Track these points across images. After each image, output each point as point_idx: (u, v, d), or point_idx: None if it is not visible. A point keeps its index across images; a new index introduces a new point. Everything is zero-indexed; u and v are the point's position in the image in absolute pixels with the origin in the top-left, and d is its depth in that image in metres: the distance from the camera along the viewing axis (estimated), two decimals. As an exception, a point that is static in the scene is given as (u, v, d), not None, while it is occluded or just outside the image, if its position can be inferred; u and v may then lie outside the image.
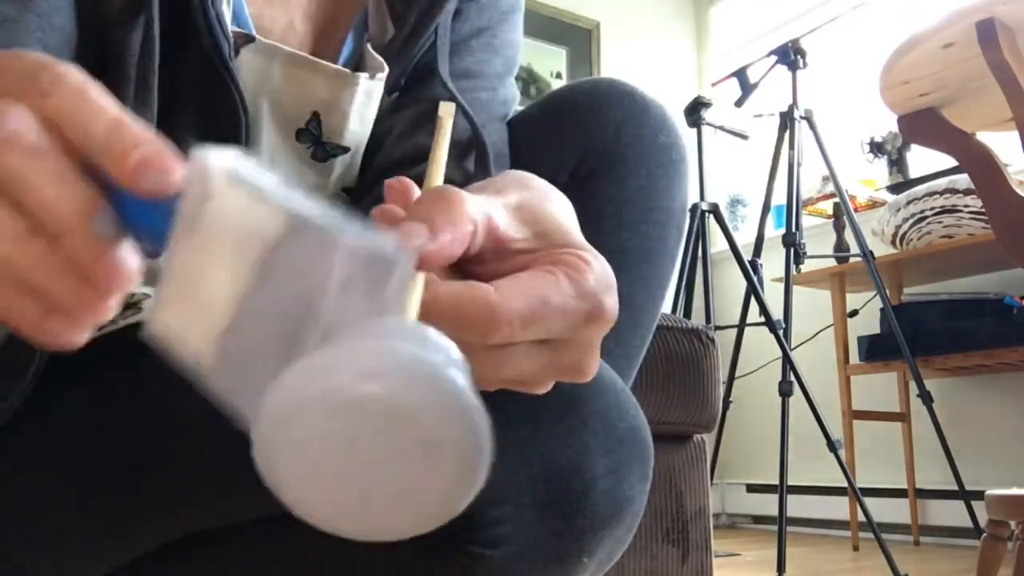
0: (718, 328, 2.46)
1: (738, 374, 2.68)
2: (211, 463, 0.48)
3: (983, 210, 2.36)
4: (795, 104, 2.48)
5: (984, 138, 1.17)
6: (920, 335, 2.55)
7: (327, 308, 0.27)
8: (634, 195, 0.60)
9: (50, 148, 0.26)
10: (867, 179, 3.23)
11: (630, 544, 0.51)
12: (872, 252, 2.50)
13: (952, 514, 2.74)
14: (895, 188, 3.01)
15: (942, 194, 2.54)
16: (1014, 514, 1.39)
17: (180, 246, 0.27)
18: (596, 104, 0.61)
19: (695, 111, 2.57)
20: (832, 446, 2.06)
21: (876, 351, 2.68)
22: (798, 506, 3.15)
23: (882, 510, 2.84)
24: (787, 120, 2.48)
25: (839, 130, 3.15)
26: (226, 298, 0.27)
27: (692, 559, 1.25)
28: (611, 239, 0.59)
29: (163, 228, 0.27)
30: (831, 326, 2.86)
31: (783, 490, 2.08)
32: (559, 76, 3.78)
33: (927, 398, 2.49)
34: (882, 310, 2.59)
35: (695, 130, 2.55)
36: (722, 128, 2.67)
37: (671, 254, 0.63)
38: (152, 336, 0.29)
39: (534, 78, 3.68)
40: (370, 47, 0.62)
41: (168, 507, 0.50)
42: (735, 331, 2.69)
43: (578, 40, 3.86)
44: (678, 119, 0.65)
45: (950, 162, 2.06)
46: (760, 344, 2.73)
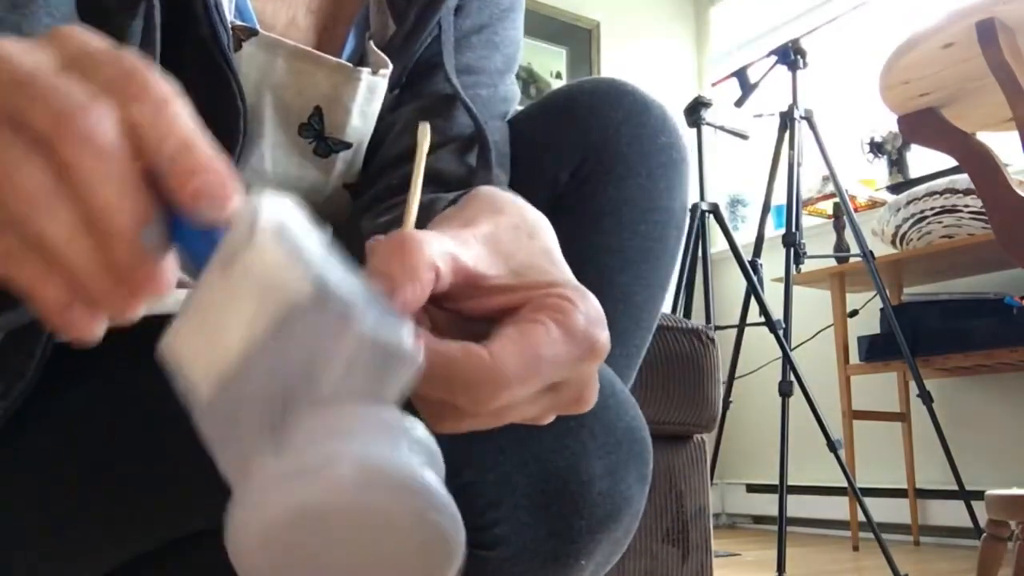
0: (718, 328, 2.46)
1: (738, 374, 2.68)
2: (211, 463, 0.48)
3: (983, 210, 2.36)
4: (795, 104, 2.48)
5: (984, 138, 1.17)
6: (920, 335, 2.55)
7: (326, 384, 0.27)
8: (634, 195, 0.60)
9: (122, 153, 0.27)
10: (867, 179, 3.23)
11: (630, 544, 0.51)
12: (872, 252, 2.50)
13: (952, 514, 2.74)
14: (895, 188, 3.01)
15: (942, 194, 2.54)
16: (1014, 514, 1.39)
17: (211, 279, 0.28)
18: (596, 104, 0.61)
19: (695, 111, 2.57)
20: (832, 446, 2.06)
21: (876, 351, 2.68)
22: (798, 506, 3.15)
23: (882, 510, 2.84)
24: (787, 120, 2.48)
25: (839, 130, 3.15)
26: (237, 344, 0.27)
27: (692, 559, 1.25)
28: (611, 239, 0.59)
29: (206, 252, 0.28)
30: (831, 326, 2.86)
31: (783, 490, 2.08)
32: (559, 76, 3.78)
33: (927, 398, 2.49)
34: (882, 310, 2.59)
35: (695, 130, 2.55)
36: (722, 128, 2.67)
37: (671, 254, 0.63)
38: (162, 353, 0.29)
39: (534, 78, 3.68)
40: (372, 44, 0.62)
41: (168, 507, 0.50)
42: (735, 331, 2.69)
43: (578, 40, 3.86)
44: (678, 119, 0.65)
45: (950, 162, 2.06)
46: (760, 344, 2.73)
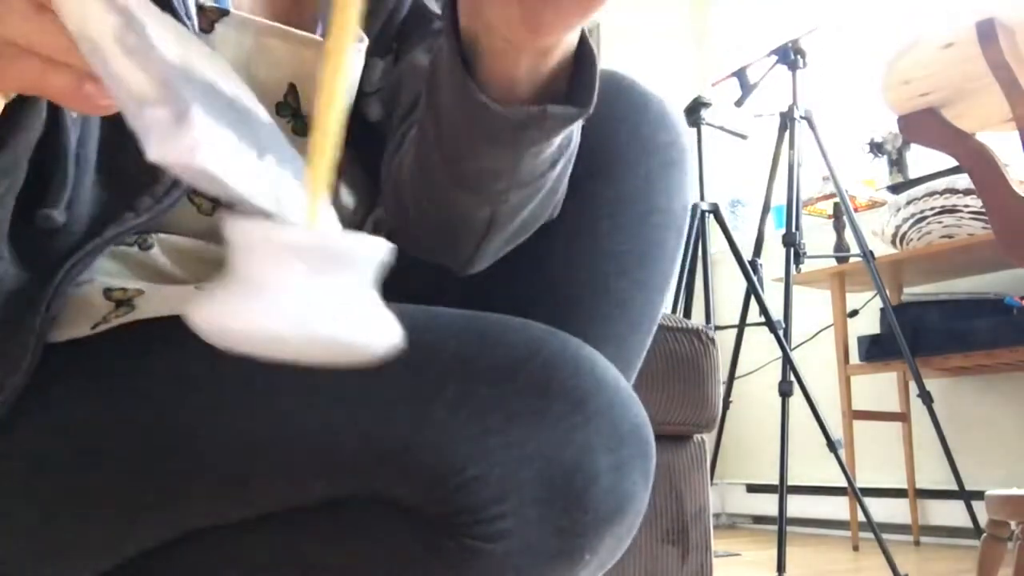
0: (718, 328, 2.46)
1: (738, 374, 2.68)
2: (210, 461, 0.48)
3: (983, 210, 2.37)
4: (795, 104, 2.48)
5: (984, 138, 1.17)
6: (920, 335, 2.55)
7: None
8: (633, 197, 0.59)
9: None
10: (867, 179, 3.24)
11: (630, 544, 0.51)
12: (872, 252, 2.50)
13: (952, 514, 2.74)
14: (895, 188, 3.01)
15: (942, 194, 2.54)
16: (1014, 514, 1.39)
17: None
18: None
19: (695, 111, 2.57)
20: (832, 446, 2.06)
21: (876, 351, 2.68)
22: (798, 506, 3.15)
23: (882, 510, 2.84)
24: (787, 120, 2.48)
25: (839, 130, 3.15)
26: None
27: (692, 559, 1.25)
28: (608, 243, 0.58)
29: None
30: (831, 326, 2.86)
31: (783, 490, 2.08)
32: (559, 76, 3.77)
33: (927, 398, 2.49)
34: (882, 310, 2.60)
35: (695, 130, 2.55)
36: (722, 128, 2.67)
37: (670, 256, 0.61)
38: None
39: (534, 78, 3.68)
40: None
41: (166, 505, 0.50)
42: (735, 331, 2.69)
43: (578, 40, 3.86)
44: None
45: (950, 162, 2.06)
46: (760, 344, 2.73)
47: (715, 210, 2.48)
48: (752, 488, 3.52)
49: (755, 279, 2.32)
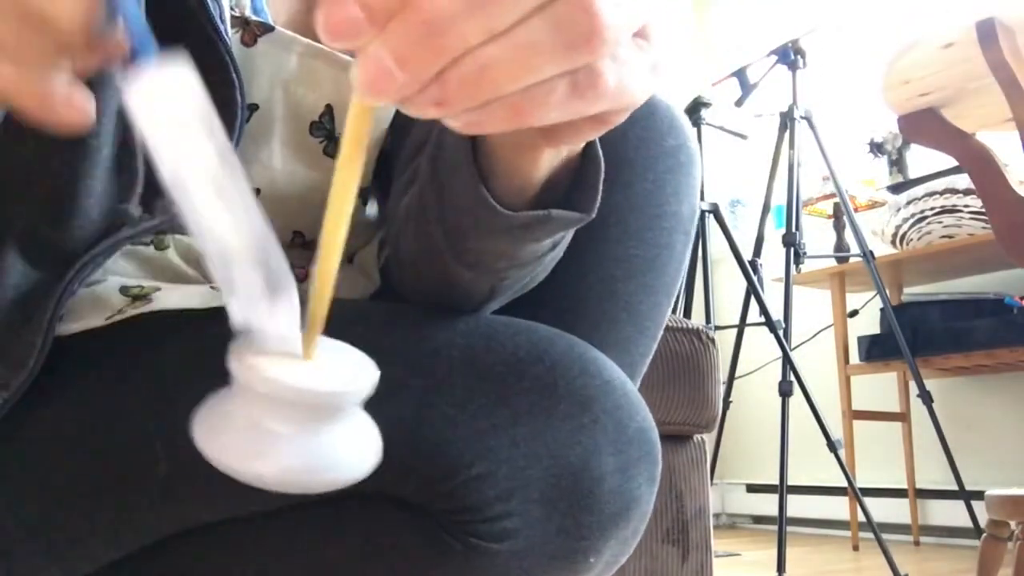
0: (718, 328, 2.46)
1: (738, 374, 2.68)
2: (207, 460, 0.48)
3: (983, 210, 2.37)
4: (795, 104, 2.48)
5: (984, 138, 1.17)
6: (920, 335, 2.55)
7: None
8: (640, 201, 0.59)
9: None
10: (867, 179, 3.24)
11: (630, 544, 0.51)
12: (872, 252, 2.50)
13: (952, 514, 2.74)
14: (895, 188, 3.01)
15: (942, 194, 2.55)
16: (1014, 514, 1.39)
17: None
18: None
19: (695, 111, 2.57)
20: (832, 446, 2.06)
21: (876, 351, 2.68)
22: (798, 506, 3.15)
23: (882, 510, 2.84)
24: (787, 120, 2.48)
25: (839, 130, 3.15)
26: None
27: (692, 559, 1.25)
28: (616, 247, 0.58)
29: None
30: (831, 326, 2.86)
31: (783, 490, 2.08)
32: (559, 76, 3.77)
33: (927, 398, 2.49)
34: (882, 310, 2.60)
35: (695, 130, 2.55)
36: (722, 128, 2.67)
37: (678, 260, 0.61)
38: None
39: (534, 78, 3.68)
40: None
41: (172, 497, 0.50)
42: (735, 331, 2.69)
43: (578, 40, 3.86)
44: (681, 119, 0.64)
45: (950, 162, 2.06)
46: (760, 344, 2.73)
47: (715, 210, 2.48)
48: (752, 488, 3.52)
49: (755, 279, 2.32)
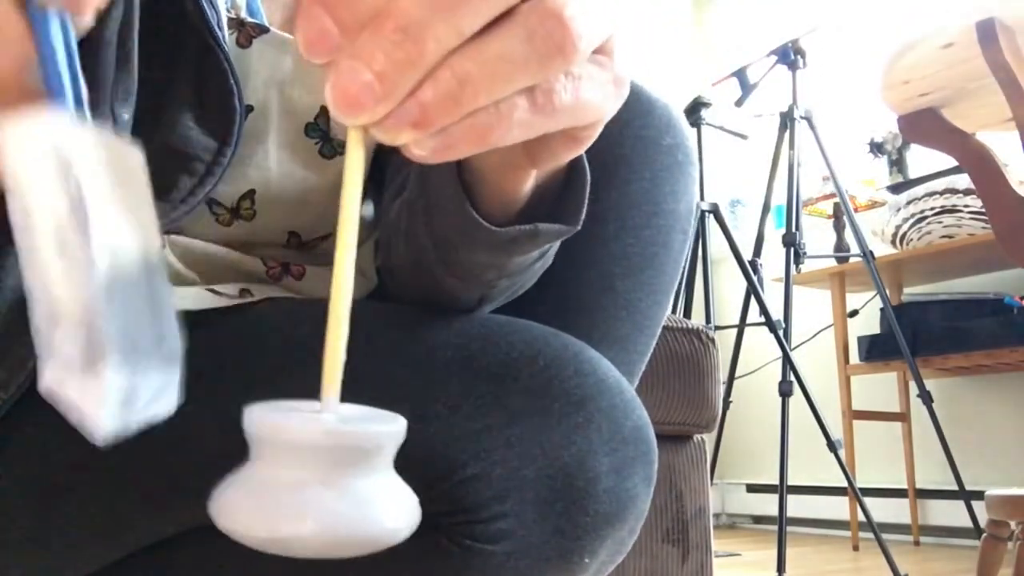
0: (718, 328, 2.46)
1: (738, 374, 2.68)
2: (210, 454, 0.48)
3: (983, 210, 2.37)
4: (795, 104, 2.48)
5: (984, 138, 1.17)
6: (920, 335, 2.55)
7: None
8: (638, 199, 0.59)
9: None
10: (867, 179, 3.24)
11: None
12: (872, 252, 2.50)
13: (952, 514, 2.74)
14: (895, 188, 3.01)
15: (942, 194, 2.55)
16: (1014, 514, 1.39)
17: None
18: None
19: (695, 111, 2.57)
20: (832, 446, 2.06)
21: (876, 351, 2.68)
22: (798, 506, 3.15)
23: (882, 510, 2.84)
24: (787, 120, 2.48)
25: (839, 130, 3.15)
26: None
27: (692, 559, 1.25)
28: (614, 245, 0.58)
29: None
30: (831, 326, 2.86)
31: (783, 490, 2.08)
32: (559, 76, 3.77)
33: (927, 398, 2.49)
34: (882, 310, 2.60)
35: (695, 130, 2.56)
36: (722, 128, 2.67)
37: (676, 258, 0.62)
38: None
39: (534, 78, 3.68)
40: None
41: (165, 498, 0.50)
42: (735, 331, 2.69)
43: (578, 40, 3.86)
44: (679, 119, 0.64)
45: (950, 162, 2.06)
46: (760, 344, 2.73)
47: (715, 210, 2.48)
48: (752, 488, 3.52)
49: (755, 279, 2.32)
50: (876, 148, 3.13)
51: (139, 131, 0.49)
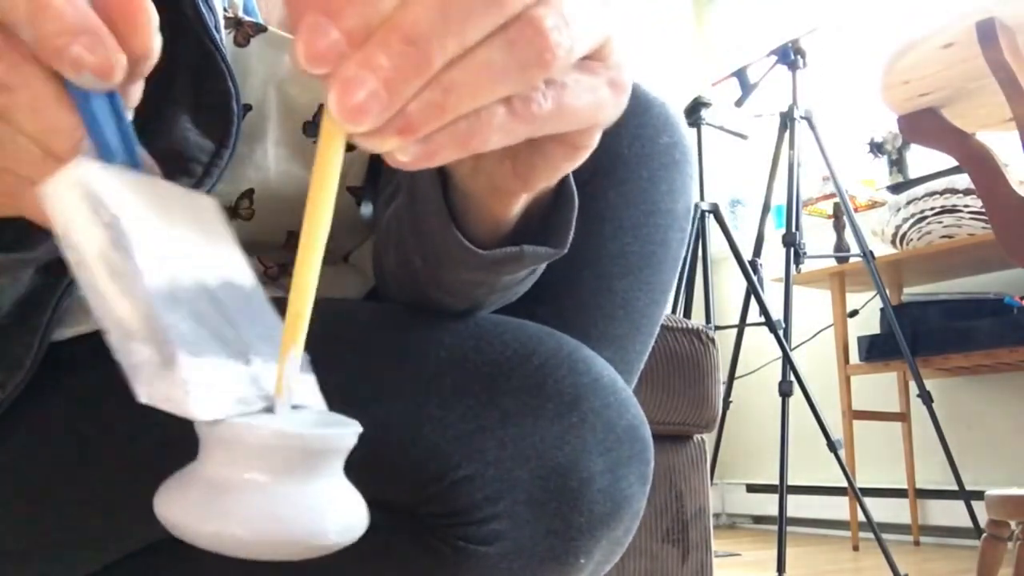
0: (718, 328, 2.46)
1: (738, 374, 2.68)
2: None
3: (983, 210, 2.37)
4: (795, 104, 2.48)
5: (984, 138, 1.17)
6: (920, 335, 2.55)
7: None
8: (635, 198, 0.59)
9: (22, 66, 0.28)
10: (867, 179, 3.24)
11: (630, 544, 0.51)
12: (872, 252, 2.50)
13: (952, 514, 2.74)
14: (895, 188, 3.01)
15: (942, 194, 2.54)
16: (1014, 514, 1.39)
17: None
18: None
19: (695, 111, 2.57)
20: (832, 446, 2.06)
21: (876, 351, 2.68)
22: (798, 506, 3.15)
23: (882, 510, 2.84)
24: (787, 120, 2.48)
25: (839, 130, 3.15)
26: None
27: (692, 559, 1.25)
28: (611, 244, 0.58)
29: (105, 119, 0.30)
30: (831, 326, 2.86)
31: (783, 490, 2.08)
32: (559, 76, 3.76)
33: (927, 398, 2.49)
34: (882, 310, 2.60)
35: (695, 130, 2.56)
36: (722, 128, 2.67)
37: (673, 257, 0.62)
38: None
39: (534, 78, 3.67)
40: None
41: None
42: (735, 331, 2.69)
43: (578, 40, 3.85)
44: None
45: (950, 162, 2.06)
46: (760, 344, 2.73)
47: (715, 210, 2.48)
48: (752, 488, 3.52)
49: (755, 279, 2.32)
50: (876, 148, 3.13)
51: (138, 132, 0.49)
